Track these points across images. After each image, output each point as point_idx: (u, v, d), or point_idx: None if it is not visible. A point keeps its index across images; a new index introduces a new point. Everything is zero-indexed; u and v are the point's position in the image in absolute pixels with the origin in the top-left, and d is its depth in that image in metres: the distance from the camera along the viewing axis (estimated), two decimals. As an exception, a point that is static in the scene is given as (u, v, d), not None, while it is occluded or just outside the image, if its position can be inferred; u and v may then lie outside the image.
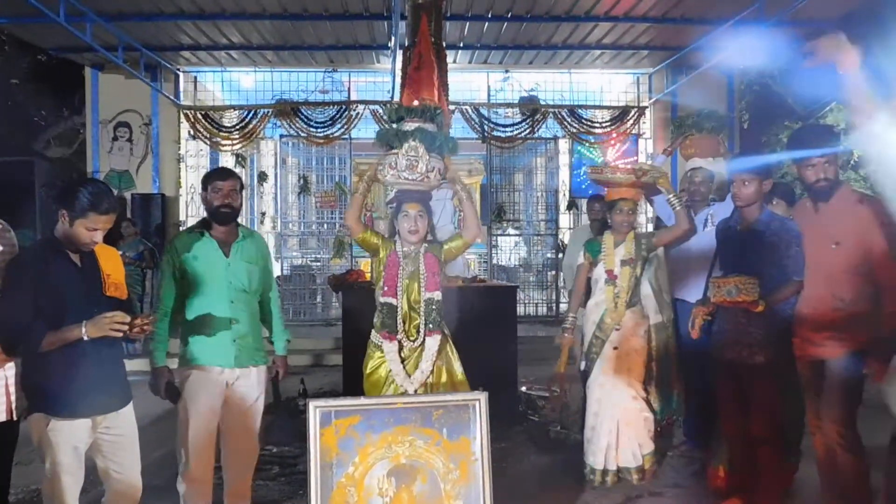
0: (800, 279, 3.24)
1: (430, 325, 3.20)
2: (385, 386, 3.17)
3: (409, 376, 3.16)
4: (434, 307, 3.21)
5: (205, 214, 3.21)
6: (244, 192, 3.35)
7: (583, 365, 3.99)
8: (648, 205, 4.65)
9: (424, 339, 3.19)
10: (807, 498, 3.62)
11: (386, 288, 3.23)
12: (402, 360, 3.19)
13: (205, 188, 3.13)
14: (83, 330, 2.43)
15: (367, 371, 3.28)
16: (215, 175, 3.18)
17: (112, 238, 3.29)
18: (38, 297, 2.49)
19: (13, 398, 2.57)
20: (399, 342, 3.20)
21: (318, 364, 7.94)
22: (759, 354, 3.30)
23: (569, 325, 3.97)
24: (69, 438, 2.57)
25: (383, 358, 3.22)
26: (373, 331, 3.32)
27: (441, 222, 5.57)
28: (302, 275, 10.47)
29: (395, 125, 3.38)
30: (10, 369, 2.57)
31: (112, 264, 2.75)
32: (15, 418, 2.61)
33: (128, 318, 2.44)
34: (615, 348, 3.80)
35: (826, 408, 3.07)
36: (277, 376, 3.41)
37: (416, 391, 3.11)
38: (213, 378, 3.07)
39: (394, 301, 3.21)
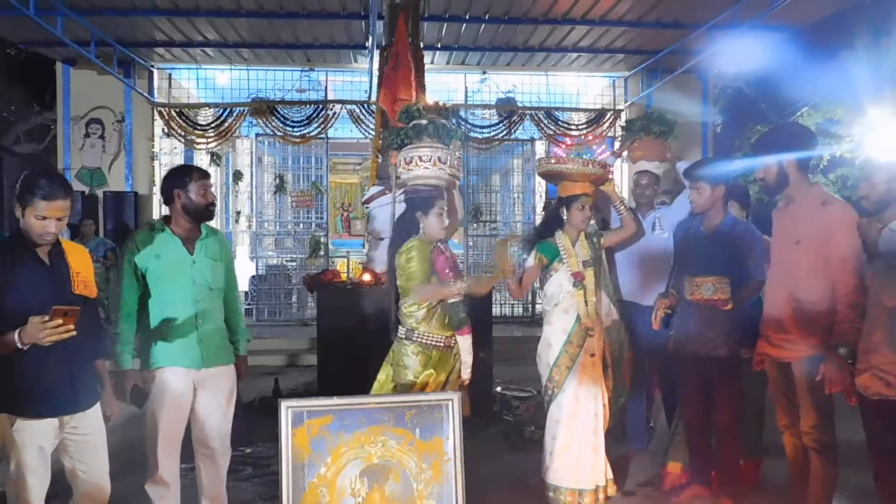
0: (761, 279, 3.39)
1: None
2: (445, 386, 3.22)
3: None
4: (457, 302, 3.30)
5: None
6: (220, 191, 3.34)
7: (548, 386, 3.61)
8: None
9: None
10: (778, 494, 3.68)
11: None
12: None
13: (184, 185, 3.05)
14: (16, 337, 2.35)
15: (421, 379, 3.20)
16: (200, 172, 3.14)
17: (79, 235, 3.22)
18: (1, 294, 2.44)
19: None
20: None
21: (292, 364, 7.88)
22: (723, 348, 3.46)
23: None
24: (34, 439, 2.51)
25: (432, 360, 3.23)
26: (412, 337, 3.27)
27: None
28: (277, 274, 10.39)
29: (434, 122, 3.46)
30: None
31: (81, 262, 2.70)
32: None
33: (58, 323, 2.33)
34: (592, 355, 3.54)
35: (801, 413, 3.06)
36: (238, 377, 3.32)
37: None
38: (180, 379, 3.01)
39: (458, 296, 3.25)
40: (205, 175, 3.13)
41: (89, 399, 2.69)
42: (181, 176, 3.09)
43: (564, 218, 3.66)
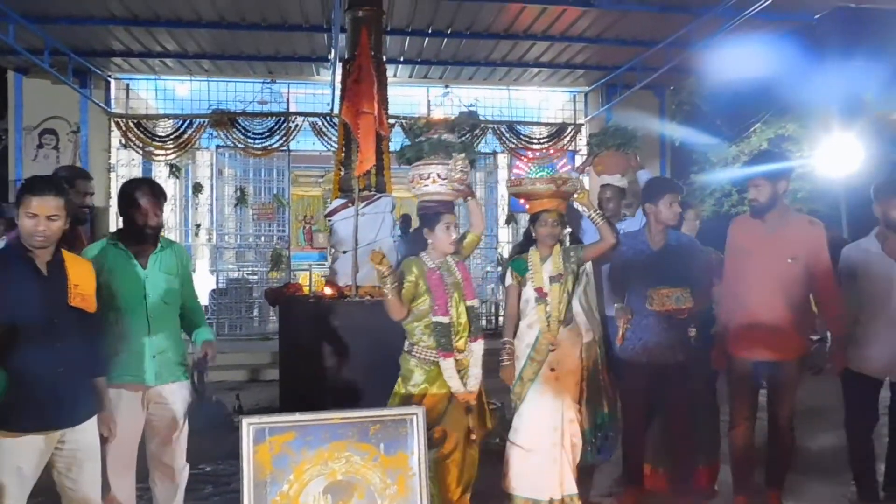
0: (708, 288, 3.78)
1: (474, 332, 3.37)
2: (451, 400, 3.30)
3: (465, 385, 3.31)
4: (475, 314, 3.38)
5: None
6: (179, 204, 3.28)
7: (512, 398, 3.68)
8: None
9: (470, 346, 3.35)
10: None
11: (437, 307, 3.28)
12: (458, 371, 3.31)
13: (134, 203, 2.98)
14: None
15: (418, 391, 3.29)
16: (155, 190, 3.07)
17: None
18: None
19: None
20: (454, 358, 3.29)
21: (254, 379, 7.77)
22: (681, 354, 3.66)
23: (506, 353, 3.65)
24: (13, 458, 2.45)
25: (431, 374, 3.30)
26: (413, 351, 3.35)
27: (380, 235, 5.54)
28: (238, 288, 10.24)
29: (434, 137, 3.49)
30: None
31: (82, 275, 2.66)
32: None
33: None
34: (552, 370, 3.55)
35: (778, 403, 3.61)
36: (205, 362, 3.24)
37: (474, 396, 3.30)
38: (133, 396, 2.94)
39: (444, 319, 3.28)
40: (151, 193, 3.02)
41: (82, 414, 2.63)
42: (133, 193, 3.00)
43: (534, 235, 3.70)
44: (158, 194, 3.05)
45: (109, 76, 9.87)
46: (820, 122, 12.29)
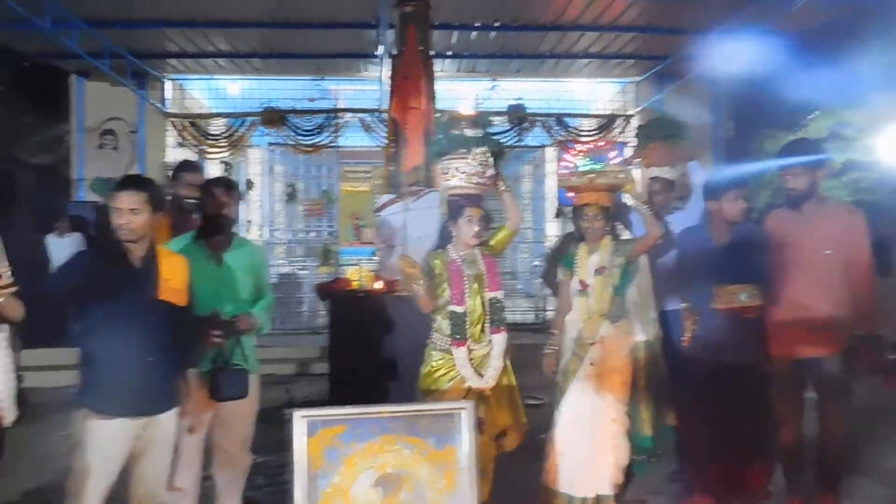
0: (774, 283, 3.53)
1: (496, 324, 3.34)
2: (448, 382, 3.30)
3: (482, 377, 3.29)
4: (498, 306, 3.36)
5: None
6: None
7: (556, 393, 3.64)
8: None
9: (491, 338, 3.33)
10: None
11: (453, 296, 3.32)
12: (472, 363, 3.30)
13: (208, 197, 3.13)
14: None
15: (428, 370, 3.36)
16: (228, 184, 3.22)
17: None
18: (83, 287, 2.57)
19: (4, 405, 2.53)
20: (468, 347, 3.30)
21: (303, 373, 7.88)
22: (752, 355, 3.51)
23: (550, 344, 3.68)
24: (102, 440, 2.58)
25: (447, 361, 3.33)
26: (434, 337, 3.41)
27: (429, 230, 5.54)
28: (289, 283, 10.42)
29: (457, 132, 3.46)
30: (2, 375, 2.53)
31: (174, 269, 2.77)
32: (7, 424, 2.57)
33: None
34: (592, 364, 3.48)
35: (825, 401, 3.49)
36: (232, 326, 3.10)
37: (491, 389, 3.27)
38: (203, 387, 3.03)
39: (459, 308, 3.31)
40: (224, 186, 3.17)
41: (165, 405, 2.74)
42: (206, 187, 3.19)
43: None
44: (231, 188, 3.18)
45: (165, 77, 10.16)
46: (883, 109, 11.78)
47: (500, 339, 3.37)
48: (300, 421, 2.46)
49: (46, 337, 8.15)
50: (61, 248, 8.73)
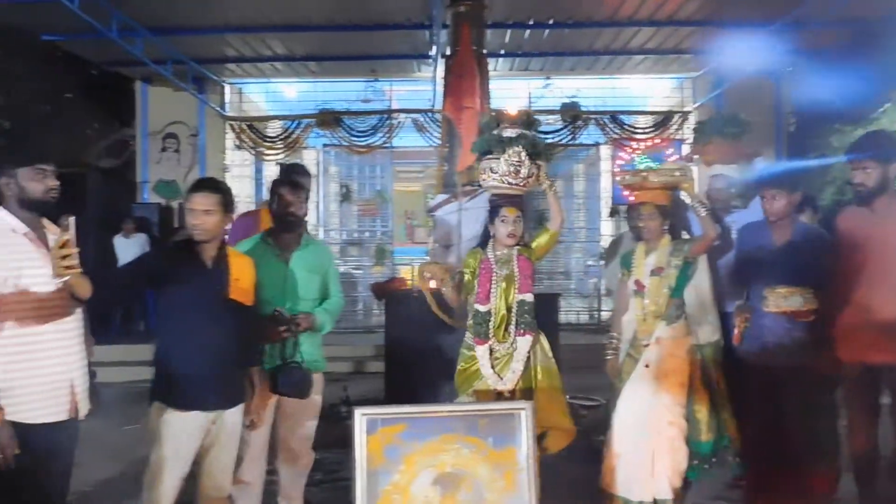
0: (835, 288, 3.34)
1: (522, 327, 3.27)
2: (477, 382, 3.27)
3: (501, 378, 3.23)
4: (526, 309, 3.28)
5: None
6: None
7: (613, 394, 3.60)
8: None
9: (516, 340, 3.26)
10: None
11: (478, 294, 3.31)
12: (494, 363, 3.26)
13: (276, 194, 3.21)
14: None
15: (460, 367, 3.36)
16: (295, 182, 3.31)
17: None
18: (161, 281, 2.71)
19: (79, 398, 2.61)
20: (490, 347, 3.27)
21: (358, 371, 7.99)
22: (803, 359, 3.35)
23: (611, 348, 3.64)
24: (178, 432, 2.67)
25: (475, 359, 3.31)
26: (466, 335, 3.41)
27: (482, 229, 5.53)
28: (343, 282, 10.48)
29: (494, 132, 3.43)
30: (78, 369, 2.63)
31: (243, 269, 2.87)
32: (80, 418, 2.66)
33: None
34: (647, 366, 3.42)
35: None
36: (293, 322, 3.12)
37: (510, 392, 3.19)
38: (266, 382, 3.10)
39: (483, 307, 3.29)
40: (291, 184, 3.24)
41: (233, 400, 2.83)
42: (273, 187, 3.27)
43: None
44: (299, 186, 3.26)
45: (224, 81, 10.43)
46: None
47: (524, 343, 3.29)
48: (360, 419, 2.48)
49: (113, 334, 8.51)
50: (127, 248, 9.07)
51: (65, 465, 2.68)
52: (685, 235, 3.75)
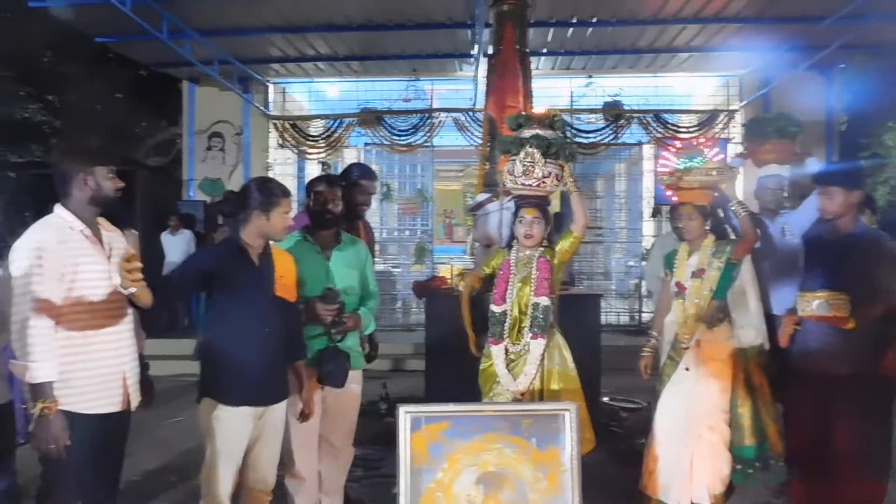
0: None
1: (535, 329, 3.22)
2: (494, 382, 3.27)
3: (515, 380, 3.22)
4: (540, 312, 3.23)
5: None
6: None
7: (658, 387, 3.57)
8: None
9: (528, 343, 3.22)
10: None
11: (495, 295, 3.30)
12: (509, 364, 3.25)
13: (313, 193, 3.26)
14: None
15: (482, 367, 3.38)
16: (319, 182, 3.33)
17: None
18: (213, 281, 2.77)
19: (130, 390, 2.68)
20: (505, 347, 3.26)
21: (397, 369, 8.04)
22: (845, 366, 3.23)
23: (647, 347, 3.63)
24: (230, 427, 2.74)
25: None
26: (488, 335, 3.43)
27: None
28: (383, 280, 10.62)
29: (515, 132, 3.42)
30: (129, 362, 2.70)
31: (286, 267, 2.97)
32: (132, 409, 2.73)
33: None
34: (687, 370, 3.39)
35: None
36: (339, 317, 3.16)
37: (521, 394, 3.17)
38: (313, 374, 3.14)
39: (498, 308, 3.28)
40: (327, 182, 3.30)
41: (280, 395, 2.90)
42: (308, 186, 3.31)
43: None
44: (334, 183, 3.30)
45: (268, 81, 10.57)
46: None
47: (536, 346, 3.22)
48: (405, 416, 2.50)
49: (160, 328, 8.71)
50: (174, 244, 9.29)
51: (117, 455, 2.76)
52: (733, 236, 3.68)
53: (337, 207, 3.24)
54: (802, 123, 4.10)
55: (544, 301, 3.22)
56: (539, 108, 3.68)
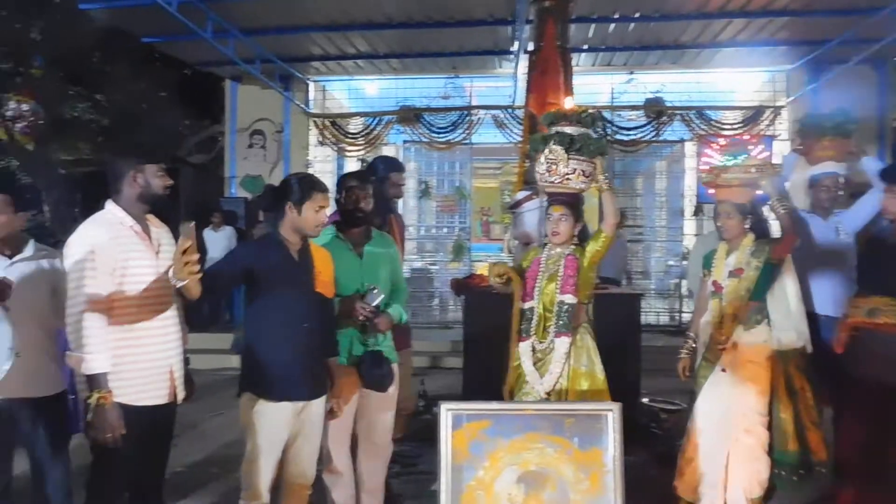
0: None
1: (561, 328, 3.20)
2: (524, 381, 3.26)
3: (541, 378, 3.19)
4: (565, 310, 3.21)
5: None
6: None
7: (695, 389, 3.50)
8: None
9: (553, 341, 3.20)
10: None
11: (524, 292, 3.30)
12: (536, 363, 3.23)
13: (343, 190, 3.25)
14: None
15: (513, 365, 3.37)
16: (361, 177, 3.35)
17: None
18: (253, 277, 2.79)
19: (177, 383, 2.74)
20: (532, 344, 3.25)
21: (435, 366, 8.04)
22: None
23: (685, 348, 3.57)
24: (271, 422, 2.77)
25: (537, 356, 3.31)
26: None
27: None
28: (420, 277, 10.65)
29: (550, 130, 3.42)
30: (175, 356, 2.75)
31: (324, 264, 2.98)
32: (178, 402, 2.78)
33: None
34: (723, 371, 3.32)
35: None
36: (373, 318, 3.14)
37: (546, 393, 3.14)
38: (349, 375, 3.15)
39: (525, 305, 3.28)
40: (357, 179, 3.29)
41: (318, 390, 2.92)
42: (339, 184, 3.31)
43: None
44: (365, 180, 3.29)
45: (308, 79, 10.67)
46: None
47: (561, 344, 3.20)
48: (446, 414, 2.50)
49: (202, 322, 8.88)
50: (216, 241, 9.46)
51: (164, 446, 2.83)
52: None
53: (368, 205, 3.23)
54: (855, 119, 3.97)
55: (569, 299, 3.21)
56: (568, 104, 3.64)
